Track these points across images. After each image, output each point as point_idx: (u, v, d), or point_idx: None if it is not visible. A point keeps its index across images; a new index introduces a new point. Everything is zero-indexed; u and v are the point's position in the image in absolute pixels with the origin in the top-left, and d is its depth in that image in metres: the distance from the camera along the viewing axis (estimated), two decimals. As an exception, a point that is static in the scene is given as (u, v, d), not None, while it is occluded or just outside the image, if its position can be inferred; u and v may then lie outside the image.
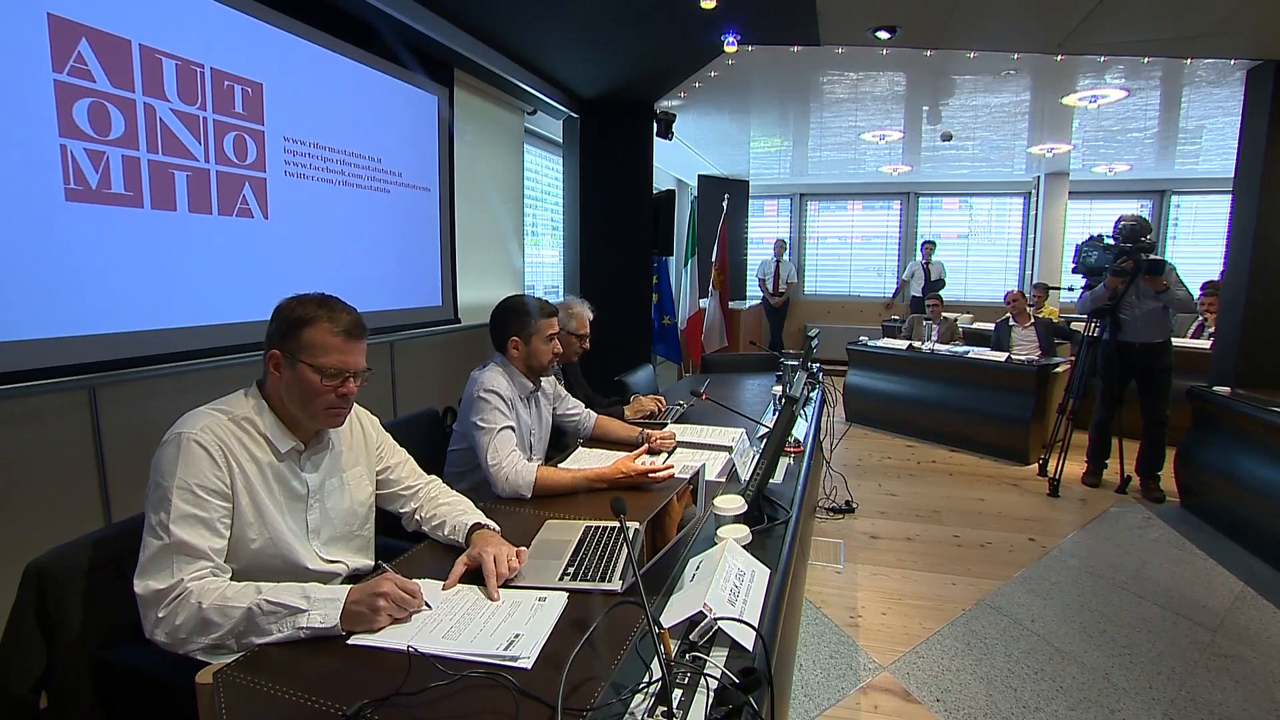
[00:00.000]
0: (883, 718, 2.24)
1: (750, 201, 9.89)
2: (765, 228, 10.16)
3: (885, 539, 3.62)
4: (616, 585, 1.35)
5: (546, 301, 2.23)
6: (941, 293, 8.17)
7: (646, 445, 2.26)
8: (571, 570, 1.42)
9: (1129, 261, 4.20)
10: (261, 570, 1.29)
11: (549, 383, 2.38)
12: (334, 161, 3.07)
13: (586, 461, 2.18)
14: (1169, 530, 3.83)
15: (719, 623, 1.13)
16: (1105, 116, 6.00)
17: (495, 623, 1.21)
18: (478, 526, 1.50)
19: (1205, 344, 5.43)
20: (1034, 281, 8.15)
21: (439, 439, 2.42)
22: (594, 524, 1.64)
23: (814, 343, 3.51)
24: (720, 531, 1.49)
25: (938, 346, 5.73)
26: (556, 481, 1.92)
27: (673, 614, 1.20)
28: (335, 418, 1.38)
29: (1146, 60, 4.51)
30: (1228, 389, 4.00)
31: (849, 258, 10.15)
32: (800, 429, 2.49)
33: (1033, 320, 5.82)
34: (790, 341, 9.11)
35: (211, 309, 2.51)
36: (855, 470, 4.74)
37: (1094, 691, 2.38)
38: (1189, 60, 4.48)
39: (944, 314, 6.41)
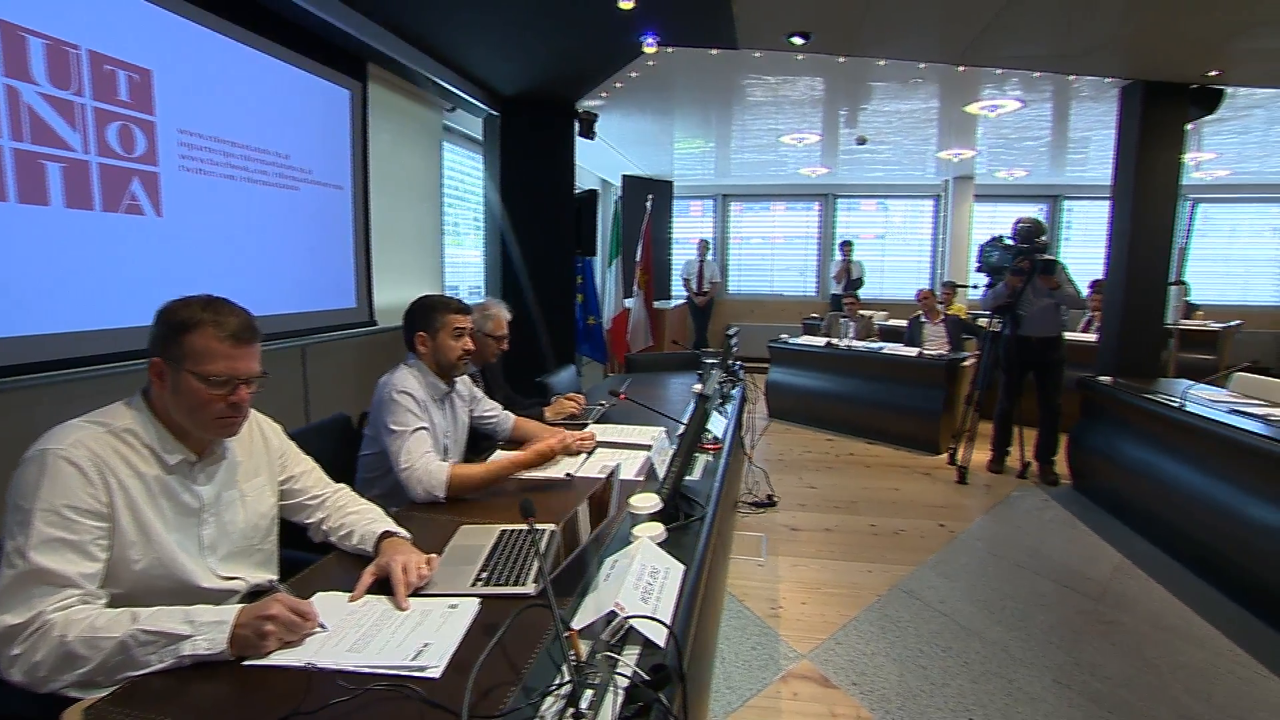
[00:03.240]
0: (802, 704, 2.30)
1: (675, 202, 10.00)
2: (690, 228, 10.29)
3: (805, 531, 3.73)
4: (530, 588, 1.34)
5: (456, 299, 2.19)
6: (860, 291, 8.51)
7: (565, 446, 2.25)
8: (485, 575, 1.40)
9: (1025, 261, 4.47)
10: (147, 592, 1.20)
11: (464, 384, 2.34)
12: (237, 157, 2.92)
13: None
14: (1062, 511, 4.11)
15: (631, 621, 1.13)
16: (1004, 125, 6.38)
17: (404, 633, 1.17)
18: (387, 534, 1.46)
19: (1094, 338, 5.85)
20: (944, 280, 8.56)
21: (352, 445, 2.34)
22: (510, 527, 1.62)
23: (733, 341, 3.58)
24: (635, 530, 1.50)
25: (854, 343, 5.95)
26: (471, 477, 1.89)
27: (586, 614, 1.20)
28: (227, 427, 1.30)
29: (1037, 75, 4.81)
30: (1110, 379, 4.31)
31: (771, 257, 10.41)
32: (719, 426, 2.53)
33: (943, 317, 6.12)
34: (715, 340, 9.26)
35: (99, 312, 2.34)
36: (777, 465, 4.86)
37: (994, 664, 2.52)
38: (1072, 77, 4.82)
39: (861, 312, 6.65)
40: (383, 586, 1.31)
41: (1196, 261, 9.46)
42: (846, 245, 8.96)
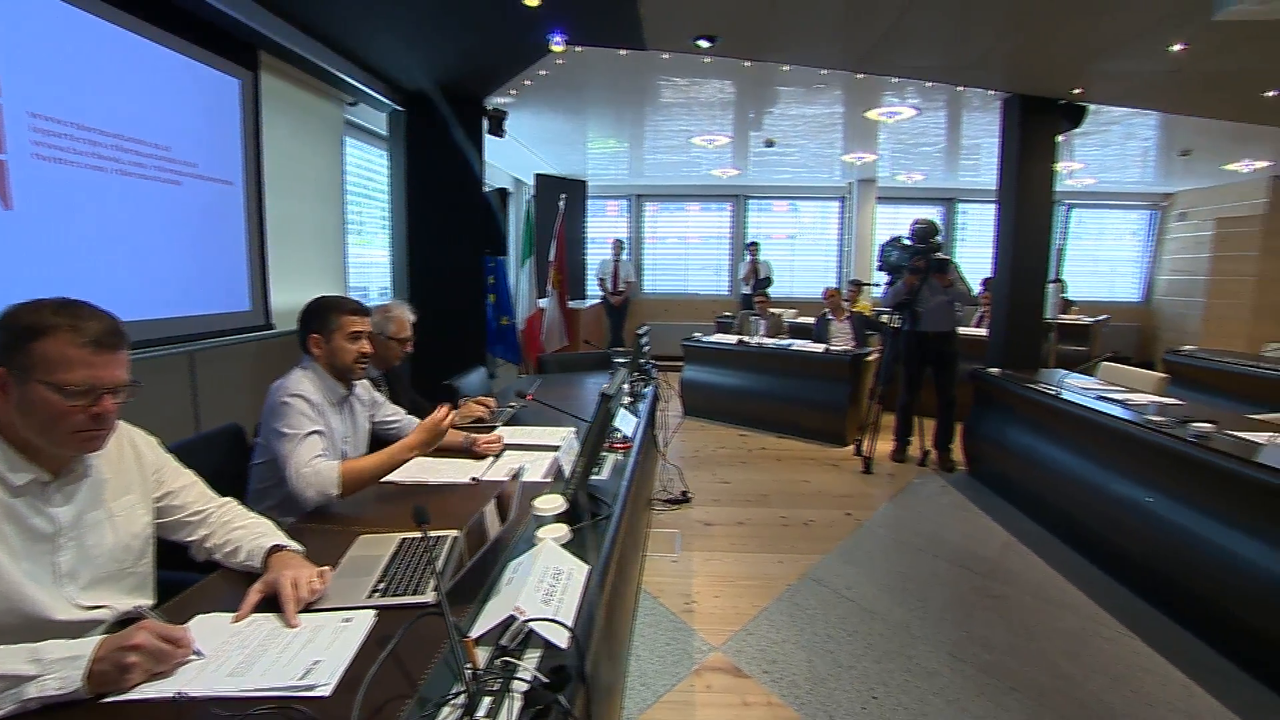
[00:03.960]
0: (715, 695, 2.35)
1: (590, 201, 9.99)
2: (606, 227, 10.30)
3: (719, 525, 3.81)
4: (430, 597, 1.30)
5: (352, 299, 2.11)
6: (770, 290, 8.76)
7: (472, 449, 2.20)
8: (383, 586, 1.35)
9: (921, 260, 4.72)
10: (-8, 631, 1.09)
11: (364, 389, 2.25)
12: (105, 146, 2.69)
13: (410, 471, 2.08)
14: (958, 495, 4.36)
15: (531, 624, 1.12)
16: (902, 131, 6.71)
17: (292, 651, 1.11)
18: (277, 549, 1.38)
19: (984, 332, 6.24)
20: (849, 278, 8.93)
21: (246, 456, 2.21)
22: (411, 535, 1.57)
23: (644, 341, 3.61)
24: (539, 532, 1.48)
25: (765, 341, 6.12)
26: (362, 470, 1.83)
27: (487, 620, 1.17)
28: (89, 442, 1.19)
29: (929, 84, 5.09)
30: (998, 370, 4.62)
31: (686, 257, 10.56)
32: (629, 425, 2.54)
33: (848, 314, 6.38)
34: (630, 340, 9.32)
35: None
36: (692, 461, 4.93)
37: (896, 643, 2.65)
38: (961, 88, 5.13)
39: (771, 310, 6.85)
40: (272, 605, 1.24)
41: (1071, 261, 10.25)
42: (752, 246, 9.20)
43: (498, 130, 5.16)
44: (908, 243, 4.84)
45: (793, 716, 2.23)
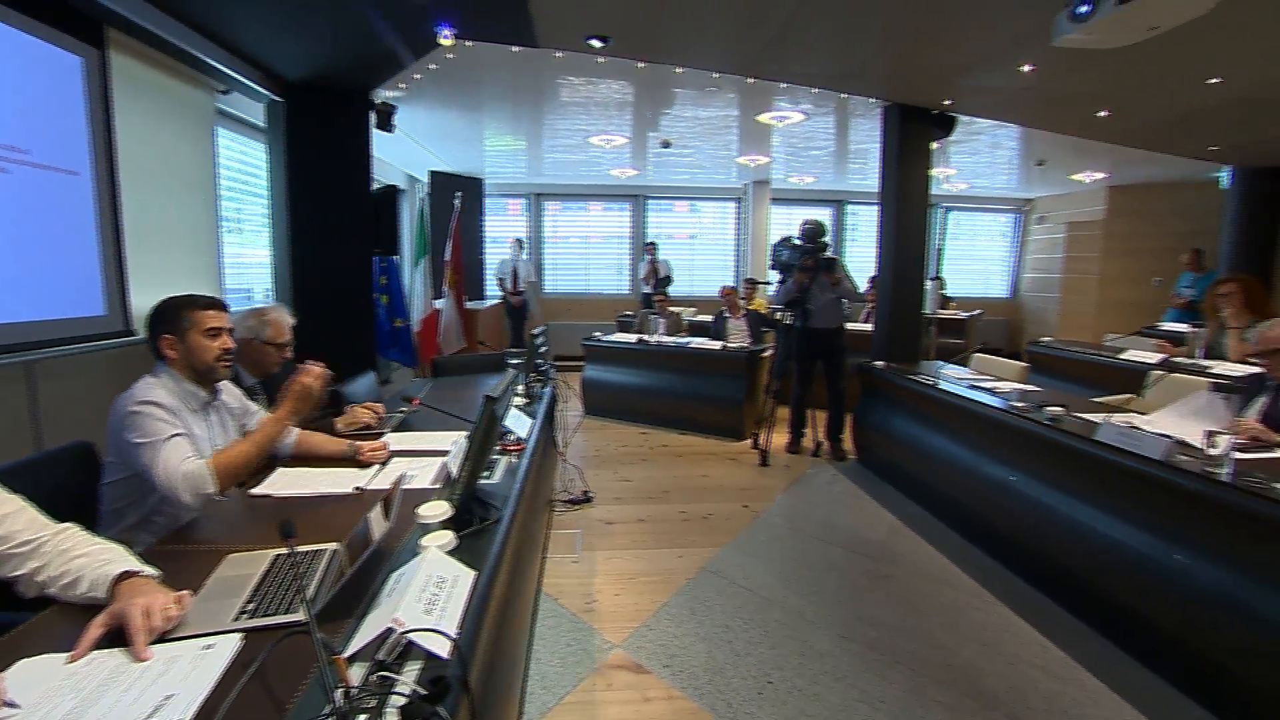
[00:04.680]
0: (616, 693, 2.35)
1: (490, 200, 9.79)
2: (507, 227, 10.13)
3: (620, 523, 3.82)
4: (303, 614, 1.22)
5: (207, 295, 1.97)
6: (669, 289, 8.89)
7: (357, 456, 2.10)
8: (252, 607, 1.26)
9: (811, 260, 4.92)
10: None
11: (233, 396, 2.10)
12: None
13: (288, 483, 1.96)
14: (849, 484, 4.58)
15: (409, 636, 1.08)
16: (793, 135, 6.98)
17: (140, 688, 1.02)
18: (126, 575, 1.25)
19: (871, 327, 6.58)
20: (745, 277, 9.19)
21: (97, 475, 2.00)
22: (287, 550, 1.47)
23: (539, 342, 3.57)
24: (423, 540, 1.43)
25: (664, 339, 6.20)
26: (235, 457, 1.79)
27: (364, 634, 1.12)
28: None
29: (815, 90, 5.32)
30: (883, 363, 4.89)
31: (587, 256, 10.55)
32: (524, 427, 2.50)
33: (744, 312, 6.56)
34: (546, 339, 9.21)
35: None
36: (593, 461, 4.93)
37: (791, 629, 2.75)
38: (844, 95, 5.39)
39: (670, 309, 6.95)
40: (121, 640, 1.12)
41: (950, 260, 11.02)
42: (650, 246, 9.31)
43: (386, 125, 4.96)
44: (798, 243, 5.03)
45: (692, 708, 2.27)
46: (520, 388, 3.09)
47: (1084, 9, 2.96)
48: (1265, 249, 7.78)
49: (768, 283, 7.50)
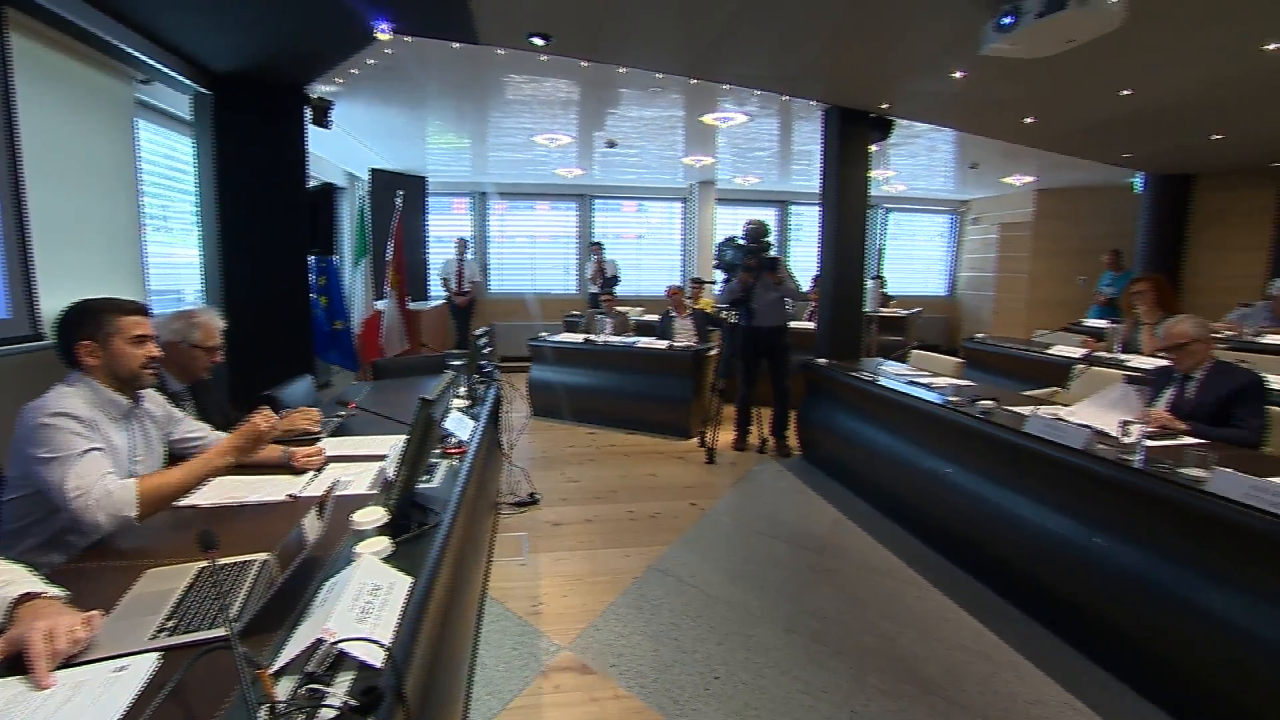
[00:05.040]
0: (563, 695, 2.34)
1: (434, 199, 9.61)
2: (452, 226, 9.96)
3: (567, 524, 3.80)
4: (227, 629, 1.18)
5: (130, 299, 1.88)
6: (617, 289, 8.89)
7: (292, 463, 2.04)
8: (172, 624, 1.20)
9: (754, 259, 4.99)
10: None
11: (156, 403, 2.00)
12: None
13: (217, 492, 1.88)
14: (794, 479, 4.66)
15: (341, 646, 1.05)
16: (737, 136, 7.07)
17: (43, 716, 0.96)
18: (27, 598, 1.18)
19: (814, 325, 6.72)
20: (692, 277, 9.27)
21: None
22: (212, 563, 1.41)
23: (482, 343, 3.52)
24: (357, 548, 1.40)
25: (611, 339, 6.20)
26: (165, 485, 1.65)
27: (293, 647, 1.08)
28: None
29: (758, 93, 5.40)
30: (826, 361, 4.99)
31: (533, 256, 10.46)
32: (466, 429, 2.47)
33: (690, 311, 6.62)
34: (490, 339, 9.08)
35: None
36: (540, 462, 4.90)
37: (736, 624, 2.78)
38: (786, 97, 5.49)
39: (617, 308, 6.95)
40: (21, 667, 1.05)
41: (890, 260, 11.34)
42: (597, 246, 9.29)
43: (322, 121, 4.81)
44: (742, 242, 5.09)
45: (639, 706, 2.27)
46: (462, 389, 3.04)
47: (1008, 20, 3.09)
48: (1175, 250, 8.29)
49: (714, 282, 7.57)
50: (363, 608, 1.17)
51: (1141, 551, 2.36)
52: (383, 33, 3.68)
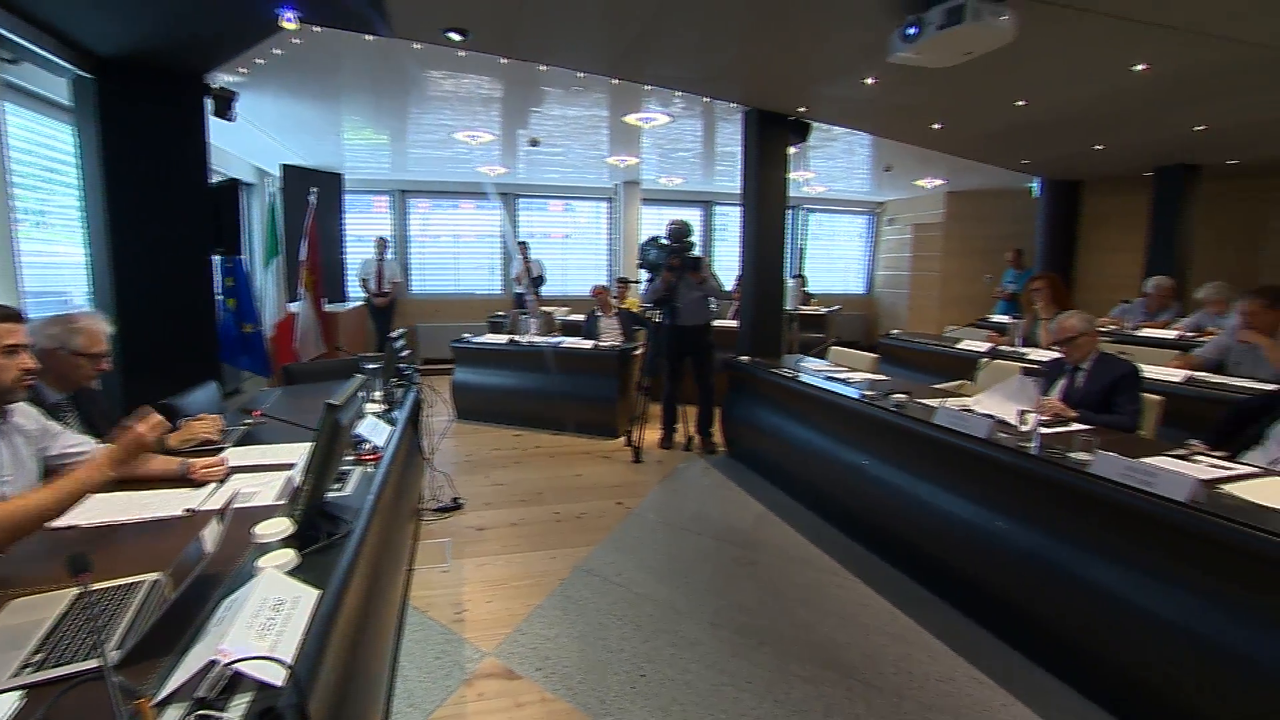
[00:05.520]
0: (487, 703, 2.29)
1: (352, 197, 9.28)
2: (372, 224, 9.63)
3: (492, 528, 3.74)
4: (110, 658, 1.10)
5: (5, 306, 1.72)
6: (543, 289, 8.81)
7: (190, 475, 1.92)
8: (40, 658, 1.11)
9: (677, 259, 5.04)
10: None
11: (28, 416, 1.84)
12: None
13: (103, 509, 1.75)
14: (719, 475, 4.73)
15: (236, 666, 0.99)
16: (660, 136, 7.12)
17: None
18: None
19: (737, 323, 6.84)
20: (617, 277, 9.28)
21: None
22: (93, 587, 1.31)
23: (398, 345, 3.41)
24: (259, 561, 1.33)
25: (536, 339, 6.13)
26: (23, 509, 1.43)
27: (184, 671, 1.02)
28: None
29: (679, 94, 5.46)
30: (748, 358, 5.09)
31: (457, 255, 10.24)
32: (382, 434, 2.39)
33: (616, 311, 6.62)
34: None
35: None
36: (464, 466, 4.80)
37: (663, 621, 2.80)
38: (707, 99, 5.57)
39: (543, 308, 6.88)
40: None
41: (812, 259, 11.68)
42: (522, 245, 9.18)
43: (225, 113, 4.55)
44: (665, 242, 5.13)
45: (566, 709, 2.26)
46: (378, 393, 2.94)
47: (912, 31, 3.23)
48: (1068, 250, 8.90)
49: (639, 282, 7.61)
50: (263, 624, 1.11)
51: (1037, 532, 2.52)
52: (289, 21, 3.51)
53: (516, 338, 6.18)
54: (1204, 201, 7.73)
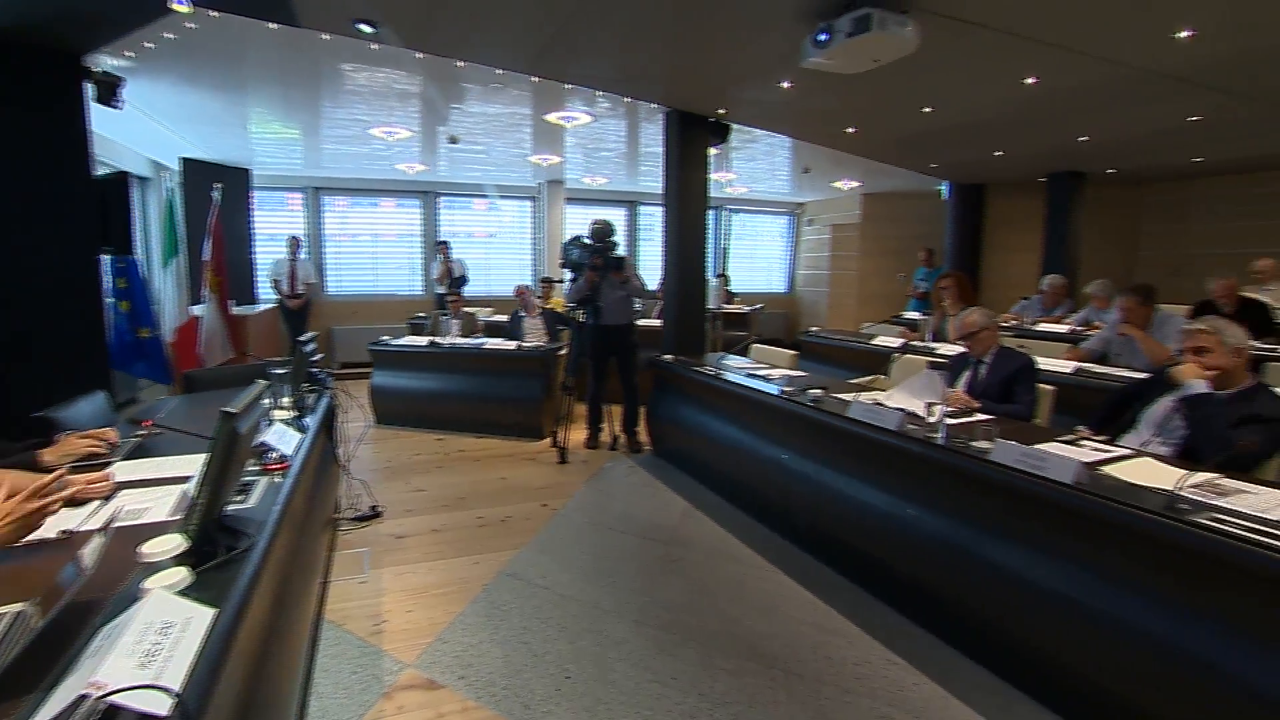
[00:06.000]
0: (408, 715, 2.23)
1: (263, 193, 8.83)
2: (285, 222, 9.19)
3: (413, 536, 3.63)
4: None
5: None
6: (466, 289, 8.63)
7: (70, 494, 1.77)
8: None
9: (599, 259, 5.03)
10: None
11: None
12: None
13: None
14: (645, 474, 4.75)
15: (111, 699, 0.92)
16: (583, 135, 7.09)
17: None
18: None
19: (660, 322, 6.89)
20: (541, 277, 9.20)
21: None
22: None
23: (308, 348, 3.26)
24: (147, 582, 1.24)
25: (458, 340, 6.00)
26: None
27: (48, 709, 0.94)
28: None
29: (599, 93, 5.45)
30: (672, 357, 5.14)
31: (375, 255, 9.89)
32: (290, 443, 2.28)
33: (540, 311, 6.56)
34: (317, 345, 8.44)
35: None
36: (384, 473, 4.64)
37: (588, 621, 2.79)
38: (628, 99, 5.58)
39: (465, 309, 6.74)
40: None
41: (735, 259, 11.90)
42: (443, 245, 8.96)
43: (110, 99, 4.23)
44: (587, 242, 5.12)
45: (489, 716, 2.22)
46: (286, 399, 2.81)
47: (823, 37, 3.34)
48: (975, 249, 9.41)
49: (563, 281, 7.57)
50: (148, 651, 1.04)
51: (944, 517, 2.65)
52: (180, 4, 3.30)
53: (438, 339, 6.03)
54: (1090, 206, 8.34)
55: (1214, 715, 1.77)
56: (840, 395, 3.53)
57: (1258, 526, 1.77)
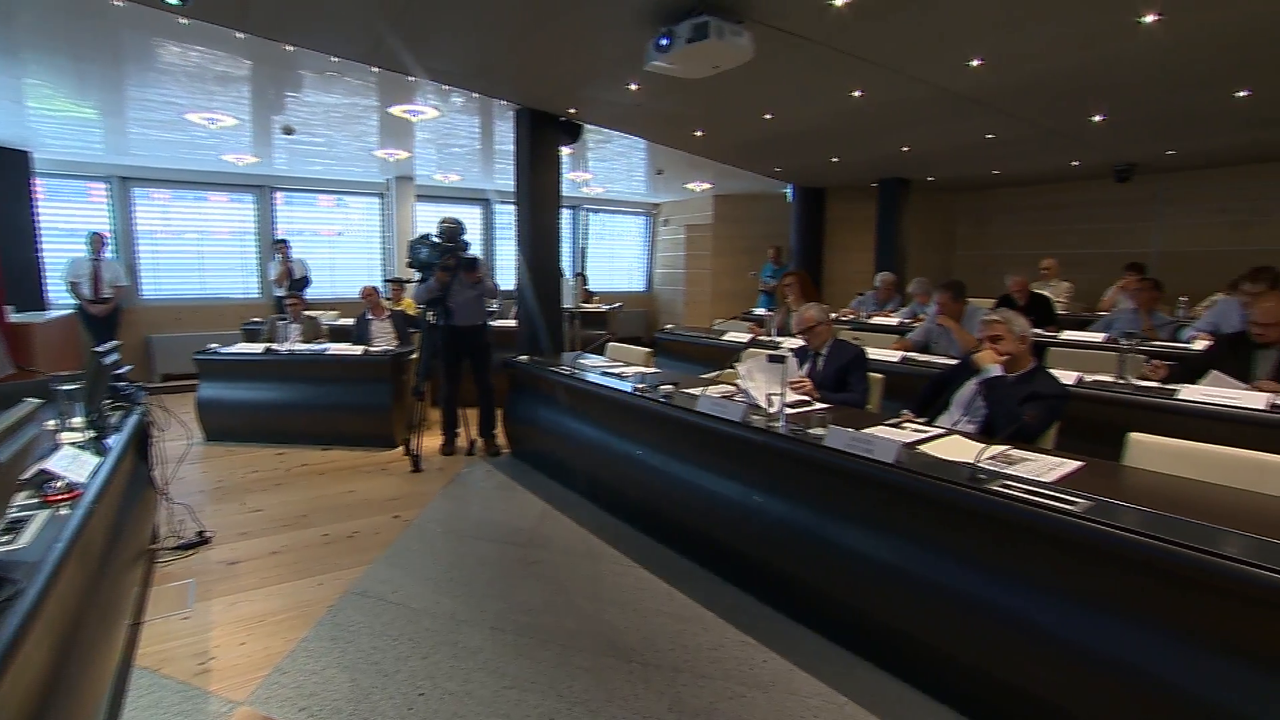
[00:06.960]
0: (239, 759, 2.04)
1: (54, 181, 7.70)
2: (86, 216, 8.08)
3: (248, 561, 3.33)
4: None
5: None
6: (309, 291, 8.03)
7: None
8: None
9: (451, 258, 4.87)
10: None
11: None
12: None
13: None
14: (503, 477, 4.66)
15: None
16: (432, 131, 6.81)
17: None
18: None
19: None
20: (389, 277, 8.77)
21: None
22: None
23: (109, 359, 2.88)
24: None
25: (297, 346, 5.58)
26: None
27: None
28: None
29: (446, 88, 5.26)
30: (527, 357, 5.08)
31: (202, 255, 8.96)
32: (85, 468, 2.01)
33: (389, 313, 6.25)
34: (127, 356, 7.49)
35: None
36: (214, 494, 4.22)
37: (443, 634, 2.69)
38: (476, 95, 5.43)
39: (306, 313, 6.27)
40: None
41: (594, 258, 11.96)
42: (282, 244, 8.29)
43: None
44: (437, 241, 4.94)
45: (333, 747, 2.08)
46: (78, 419, 2.47)
47: (664, 41, 3.43)
48: (818, 249, 10.10)
49: (413, 281, 7.27)
50: None
51: (786, 501, 2.82)
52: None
53: (275, 346, 5.56)
54: (914, 210, 9.23)
55: (1015, 657, 2.01)
56: (690, 390, 3.65)
57: (1036, 490, 2.04)
